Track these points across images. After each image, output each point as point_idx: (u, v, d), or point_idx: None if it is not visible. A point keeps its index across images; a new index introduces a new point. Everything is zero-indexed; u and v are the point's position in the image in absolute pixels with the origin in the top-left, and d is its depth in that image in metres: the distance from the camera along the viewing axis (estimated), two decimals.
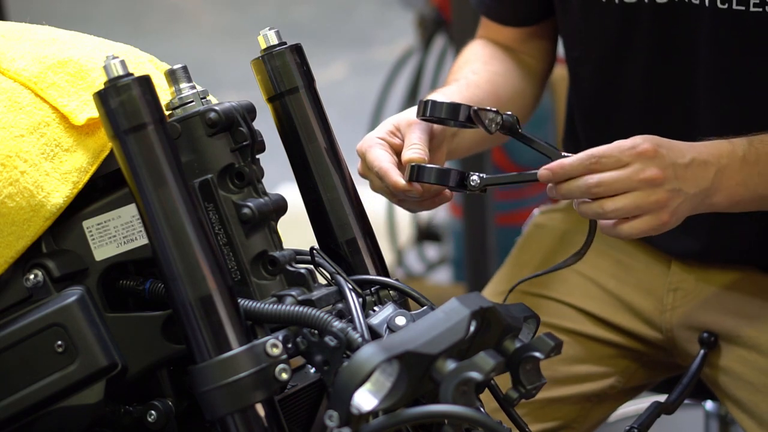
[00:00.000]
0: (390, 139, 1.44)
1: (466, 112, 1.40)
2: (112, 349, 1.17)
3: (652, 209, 1.34)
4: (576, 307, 1.72)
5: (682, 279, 1.67)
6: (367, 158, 1.42)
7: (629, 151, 1.33)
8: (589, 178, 1.33)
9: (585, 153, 1.34)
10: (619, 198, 1.33)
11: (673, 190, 1.35)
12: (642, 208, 1.34)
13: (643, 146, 1.34)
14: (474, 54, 1.72)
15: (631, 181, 1.33)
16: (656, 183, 1.33)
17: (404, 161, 1.40)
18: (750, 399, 1.60)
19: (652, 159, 1.34)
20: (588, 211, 1.35)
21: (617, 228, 1.36)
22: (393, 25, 6.40)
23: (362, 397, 1.05)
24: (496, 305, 1.15)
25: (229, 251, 1.19)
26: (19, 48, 1.26)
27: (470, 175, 1.39)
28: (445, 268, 3.94)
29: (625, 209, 1.33)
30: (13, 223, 1.18)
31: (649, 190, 1.33)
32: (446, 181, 1.39)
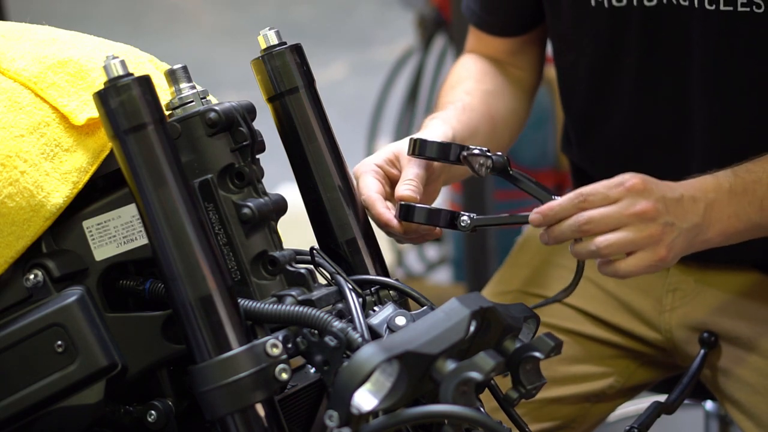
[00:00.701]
0: (387, 168, 1.43)
1: (456, 152, 1.40)
2: (112, 349, 1.17)
3: (646, 244, 1.31)
4: (575, 308, 1.72)
5: (681, 280, 1.67)
6: (359, 184, 1.41)
7: (617, 187, 1.32)
8: (578, 216, 1.31)
9: (572, 193, 1.32)
10: (611, 234, 1.30)
11: (666, 224, 1.32)
12: (636, 244, 1.31)
13: (632, 181, 1.32)
14: (466, 71, 1.72)
15: (621, 216, 1.30)
16: (648, 217, 1.31)
17: (396, 197, 1.39)
18: (748, 400, 1.60)
19: (641, 193, 1.32)
20: (581, 251, 1.33)
21: (614, 266, 1.33)
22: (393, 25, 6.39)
23: (362, 397, 1.05)
24: (496, 305, 1.15)
25: (229, 251, 1.19)
26: (19, 48, 1.26)
27: (460, 216, 1.38)
28: (445, 268, 3.94)
29: (617, 244, 1.30)
30: (13, 223, 1.18)
31: (642, 225, 1.31)
32: (436, 221, 1.38)
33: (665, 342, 1.68)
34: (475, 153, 1.38)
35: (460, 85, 1.68)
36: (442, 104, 1.64)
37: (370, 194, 1.39)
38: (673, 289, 1.68)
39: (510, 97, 1.71)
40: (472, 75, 1.71)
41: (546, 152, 3.45)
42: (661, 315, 1.68)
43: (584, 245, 1.32)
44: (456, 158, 1.40)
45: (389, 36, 6.49)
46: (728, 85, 1.54)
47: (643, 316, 1.69)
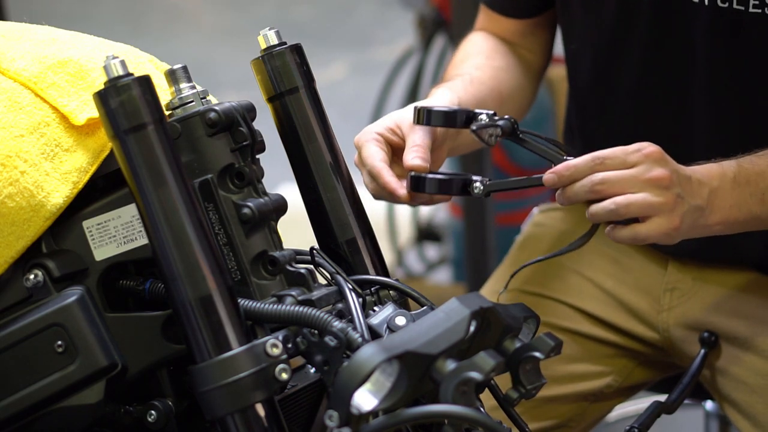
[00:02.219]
0: (389, 136, 1.43)
1: (463, 118, 1.39)
2: (112, 349, 1.17)
3: (662, 210, 1.32)
4: (573, 307, 1.72)
5: (679, 279, 1.67)
6: (362, 153, 1.41)
7: (635, 153, 1.33)
8: (593, 176, 1.32)
9: (589, 155, 1.33)
10: (632, 194, 1.31)
11: (678, 195, 1.33)
12: (654, 208, 1.31)
13: (649, 149, 1.33)
14: (476, 47, 1.72)
15: (637, 181, 1.31)
16: (663, 184, 1.32)
17: (406, 167, 1.39)
18: (745, 400, 1.60)
19: (657, 161, 1.33)
20: (599, 211, 1.33)
21: (634, 229, 1.33)
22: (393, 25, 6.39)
23: (362, 397, 1.05)
24: (496, 305, 1.15)
25: (229, 251, 1.19)
26: (19, 48, 1.26)
27: (473, 182, 1.38)
28: (445, 268, 3.94)
29: (636, 204, 1.31)
30: (13, 223, 1.18)
31: (657, 191, 1.32)
32: (448, 190, 1.38)
33: (663, 341, 1.68)
34: (483, 124, 1.37)
35: (469, 59, 1.68)
36: (450, 76, 1.64)
37: (375, 163, 1.39)
38: (671, 288, 1.68)
39: (519, 76, 1.70)
40: (483, 51, 1.70)
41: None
42: (659, 314, 1.68)
43: (603, 205, 1.32)
44: (463, 124, 1.39)
45: (389, 36, 6.49)
46: (731, 84, 1.54)
47: (641, 315, 1.69)
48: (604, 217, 1.33)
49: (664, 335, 1.68)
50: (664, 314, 1.68)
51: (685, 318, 1.66)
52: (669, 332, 1.67)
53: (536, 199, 3.19)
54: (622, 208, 1.31)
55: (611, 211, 1.32)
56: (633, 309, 1.70)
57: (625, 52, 1.60)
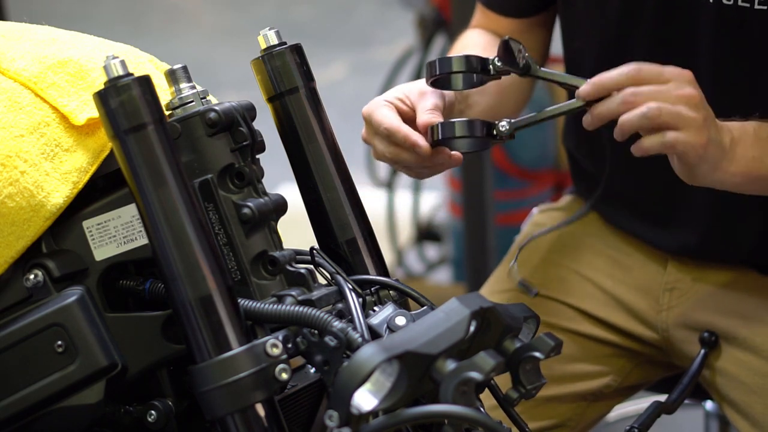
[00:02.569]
0: (398, 104, 1.42)
1: (477, 61, 1.37)
2: (112, 349, 1.17)
3: (691, 124, 1.32)
4: (573, 307, 1.72)
5: (678, 279, 1.67)
6: (374, 119, 1.40)
7: (671, 70, 1.33)
8: (626, 89, 1.32)
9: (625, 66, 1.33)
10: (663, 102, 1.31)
11: (706, 118, 1.33)
12: (683, 119, 1.31)
13: (685, 72, 1.34)
14: (472, 41, 1.72)
15: (669, 95, 1.31)
16: (693, 102, 1.32)
17: (422, 125, 1.38)
18: (743, 400, 1.60)
19: (690, 82, 1.34)
20: (633, 117, 1.31)
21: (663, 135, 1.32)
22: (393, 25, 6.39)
23: (362, 397, 1.05)
24: (496, 305, 1.15)
25: (229, 251, 1.19)
26: (19, 48, 1.26)
27: (498, 122, 1.36)
28: (445, 268, 3.94)
29: (668, 111, 1.30)
30: (13, 223, 1.18)
31: (688, 107, 1.32)
32: (473, 131, 1.35)
33: (662, 341, 1.68)
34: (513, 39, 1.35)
35: (465, 51, 1.68)
36: None
37: (392, 122, 1.38)
38: (671, 288, 1.68)
39: None
40: (479, 45, 1.70)
41: (546, 152, 3.45)
42: (659, 314, 1.68)
43: (635, 111, 1.31)
44: (479, 68, 1.37)
45: (389, 36, 6.49)
46: (735, 81, 1.54)
47: (640, 315, 1.69)
48: (636, 123, 1.32)
49: (664, 335, 1.68)
50: (664, 314, 1.68)
51: (685, 318, 1.66)
52: (668, 332, 1.67)
53: (536, 199, 3.19)
54: (653, 111, 1.30)
55: (643, 115, 1.31)
56: (632, 309, 1.70)
57: (629, 49, 1.60)
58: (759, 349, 1.60)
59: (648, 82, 1.32)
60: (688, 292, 1.67)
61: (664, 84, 1.32)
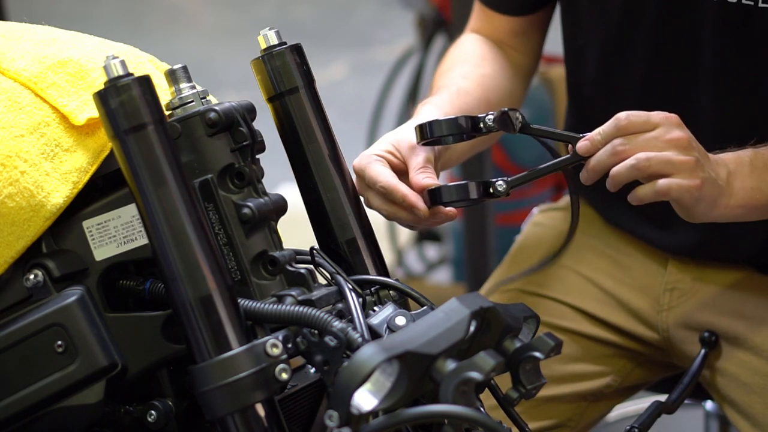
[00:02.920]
0: (389, 158, 1.41)
1: (468, 122, 1.38)
2: (112, 349, 1.17)
3: (683, 169, 1.32)
4: (573, 306, 1.72)
5: (679, 279, 1.67)
6: (368, 174, 1.39)
7: (657, 114, 1.34)
8: (615, 140, 1.33)
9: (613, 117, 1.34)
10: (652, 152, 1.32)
11: (698, 160, 1.33)
12: (674, 165, 1.32)
13: (672, 115, 1.35)
14: (464, 54, 1.71)
15: (657, 141, 1.32)
16: (682, 145, 1.33)
17: (418, 188, 1.38)
18: (744, 400, 1.60)
19: (677, 125, 1.34)
20: (622, 170, 1.32)
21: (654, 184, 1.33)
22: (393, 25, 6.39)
23: (362, 397, 1.05)
24: (496, 305, 1.15)
25: (229, 251, 1.19)
26: (19, 48, 1.26)
27: (495, 182, 1.37)
28: (445, 268, 3.94)
29: (657, 159, 1.31)
30: (13, 223, 1.18)
31: (678, 151, 1.32)
32: (470, 195, 1.37)
33: (662, 341, 1.68)
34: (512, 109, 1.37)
35: (457, 67, 1.67)
36: (436, 87, 1.63)
37: (389, 180, 1.37)
38: (671, 288, 1.68)
39: (507, 81, 1.70)
40: (470, 59, 1.70)
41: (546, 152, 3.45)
42: (659, 314, 1.68)
43: (625, 163, 1.32)
44: (470, 128, 1.38)
45: (389, 36, 6.49)
46: (738, 79, 1.54)
47: (640, 315, 1.69)
48: (625, 175, 1.33)
49: (664, 335, 1.68)
50: (664, 314, 1.67)
51: (685, 318, 1.66)
52: (668, 332, 1.67)
53: (536, 200, 3.19)
54: (643, 162, 1.31)
55: (632, 167, 1.32)
56: (633, 309, 1.70)
57: (631, 48, 1.60)
58: (759, 349, 1.60)
59: (635, 130, 1.33)
60: (689, 292, 1.67)
61: (652, 130, 1.33)
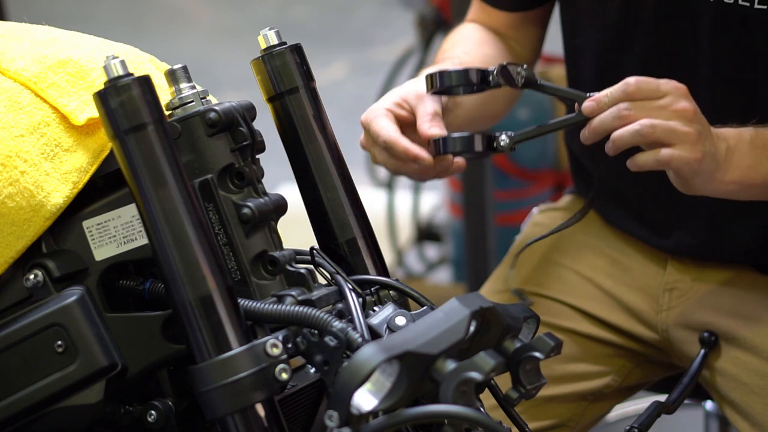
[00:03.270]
0: (397, 111, 1.43)
1: (477, 75, 1.38)
2: (111, 349, 1.17)
3: (685, 140, 1.33)
4: (573, 306, 1.72)
5: (678, 279, 1.67)
6: (372, 129, 1.40)
7: (667, 83, 1.35)
8: (621, 103, 1.33)
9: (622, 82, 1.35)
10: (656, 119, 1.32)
11: (701, 133, 1.34)
12: (677, 134, 1.32)
13: (681, 86, 1.35)
14: (465, 36, 1.72)
15: (663, 110, 1.32)
16: (687, 116, 1.33)
17: (424, 137, 1.38)
18: (743, 400, 1.60)
19: (686, 97, 1.35)
20: (625, 134, 1.33)
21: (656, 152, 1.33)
22: (393, 25, 6.39)
23: (362, 397, 1.05)
24: (496, 305, 1.15)
25: (229, 251, 1.19)
26: (19, 48, 1.26)
27: (498, 136, 1.37)
28: (445, 268, 3.94)
29: (661, 127, 1.31)
30: (13, 223, 1.18)
31: (682, 122, 1.33)
32: (472, 147, 1.37)
33: (662, 341, 1.68)
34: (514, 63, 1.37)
35: (459, 45, 1.68)
36: (439, 60, 1.64)
37: (390, 134, 1.38)
38: (670, 288, 1.68)
39: None
40: (472, 39, 1.70)
41: (546, 152, 3.45)
42: (658, 314, 1.68)
43: (629, 127, 1.33)
44: (479, 81, 1.38)
45: (389, 36, 6.49)
46: (735, 80, 1.54)
47: (640, 315, 1.69)
48: (627, 140, 1.33)
49: (663, 335, 1.68)
50: (663, 314, 1.67)
51: (684, 318, 1.66)
52: (668, 332, 1.67)
53: (536, 200, 3.19)
54: (646, 128, 1.32)
55: (636, 132, 1.32)
56: (632, 309, 1.70)
57: (629, 48, 1.60)
58: (759, 349, 1.60)
59: (643, 97, 1.33)
60: (688, 293, 1.67)
61: (660, 99, 1.33)
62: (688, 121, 1.33)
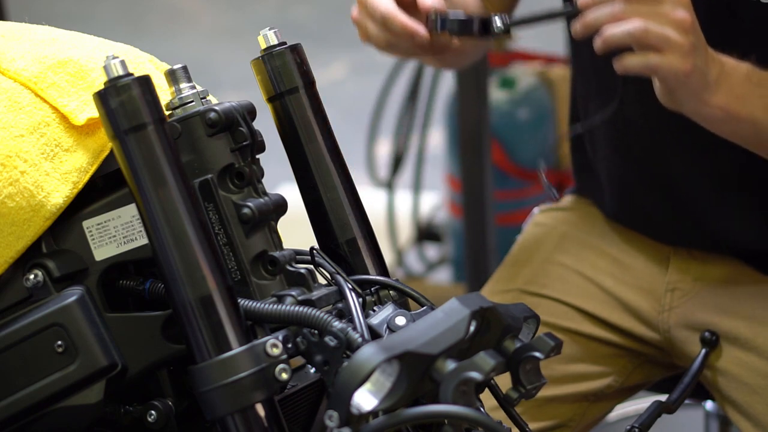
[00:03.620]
0: None
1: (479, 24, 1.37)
2: (111, 349, 1.17)
3: (677, 49, 1.29)
4: (574, 306, 1.72)
5: (680, 279, 1.67)
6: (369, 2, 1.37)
7: None
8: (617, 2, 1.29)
9: None
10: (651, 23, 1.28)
11: (695, 46, 1.30)
12: (669, 42, 1.29)
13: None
14: None
15: (659, 16, 1.29)
16: (684, 27, 1.30)
17: (424, 9, 1.35)
18: (745, 400, 1.60)
19: (686, 7, 1.31)
20: (617, 32, 1.29)
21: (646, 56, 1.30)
22: None
23: (362, 397, 1.05)
24: (496, 305, 1.15)
25: (229, 251, 1.19)
26: (19, 48, 1.26)
27: (493, 18, 1.35)
28: (445, 268, 3.94)
29: (654, 33, 1.28)
30: (13, 223, 1.18)
31: (677, 31, 1.29)
32: (470, 29, 1.35)
33: (664, 342, 1.68)
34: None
35: None
36: None
37: (389, 7, 1.35)
38: (672, 288, 1.68)
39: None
40: None
41: (546, 152, 3.45)
42: (660, 314, 1.68)
43: (621, 27, 1.29)
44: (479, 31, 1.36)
45: None
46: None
47: (641, 315, 1.69)
48: (618, 38, 1.30)
49: (665, 335, 1.68)
50: (665, 314, 1.67)
51: (686, 318, 1.66)
52: (670, 332, 1.67)
53: (537, 200, 3.19)
54: (640, 30, 1.28)
55: (628, 33, 1.28)
56: (633, 309, 1.70)
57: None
58: (761, 349, 1.60)
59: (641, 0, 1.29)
60: (690, 293, 1.67)
61: (658, 5, 1.30)
62: (684, 31, 1.30)
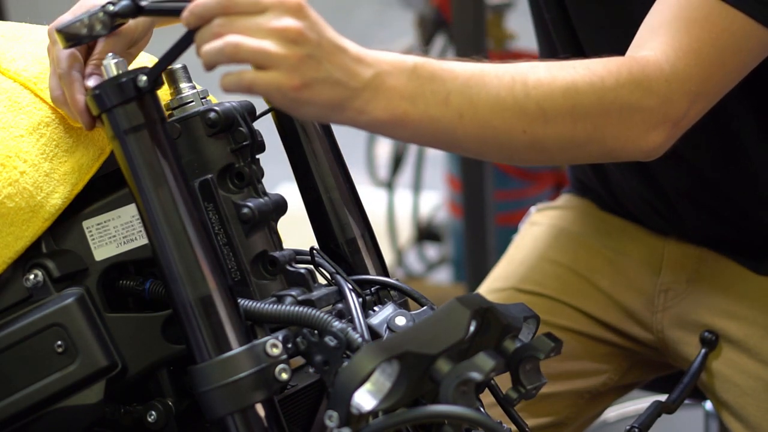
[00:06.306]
0: None
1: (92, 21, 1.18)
2: (111, 349, 1.18)
3: (280, 64, 1.13)
4: (569, 305, 1.72)
5: (673, 280, 1.67)
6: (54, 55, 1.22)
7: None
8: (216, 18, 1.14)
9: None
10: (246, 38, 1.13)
11: (310, 56, 1.14)
12: (269, 57, 1.13)
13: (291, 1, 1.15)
14: None
15: (259, 28, 1.13)
16: (289, 37, 1.14)
17: None
18: (737, 402, 1.60)
19: (292, 12, 1.15)
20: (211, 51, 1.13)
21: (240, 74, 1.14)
22: (393, 25, 6.39)
23: (362, 397, 1.05)
24: (496, 305, 1.15)
25: (229, 251, 1.19)
26: (19, 48, 1.26)
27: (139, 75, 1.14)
28: (445, 268, 3.94)
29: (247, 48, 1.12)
30: (13, 223, 1.18)
31: (282, 43, 1.13)
32: None
33: (658, 342, 1.69)
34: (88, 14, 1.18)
35: None
36: None
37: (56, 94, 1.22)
38: (665, 289, 1.68)
39: None
40: None
41: None
42: (654, 315, 1.68)
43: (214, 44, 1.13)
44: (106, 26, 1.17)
45: (389, 36, 6.48)
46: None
47: (635, 315, 1.69)
48: (213, 58, 1.14)
49: (659, 336, 1.68)
50: (659, 315, 1.68)
51: (679, 319, 1.66)
52: (663, 333, 1.68)
53: (537, 200, 3.19)
54: (230, 47, 1.13)
55: (219, 50, 1.13)
56: (628, 309, 1.70)
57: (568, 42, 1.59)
58: (753, 351, 1.60)
59: (239, 11, 1.14)
60: (683, 294, 1.67)
61: (258, 15, 1.14)
62: (289, 41, 1.13)
